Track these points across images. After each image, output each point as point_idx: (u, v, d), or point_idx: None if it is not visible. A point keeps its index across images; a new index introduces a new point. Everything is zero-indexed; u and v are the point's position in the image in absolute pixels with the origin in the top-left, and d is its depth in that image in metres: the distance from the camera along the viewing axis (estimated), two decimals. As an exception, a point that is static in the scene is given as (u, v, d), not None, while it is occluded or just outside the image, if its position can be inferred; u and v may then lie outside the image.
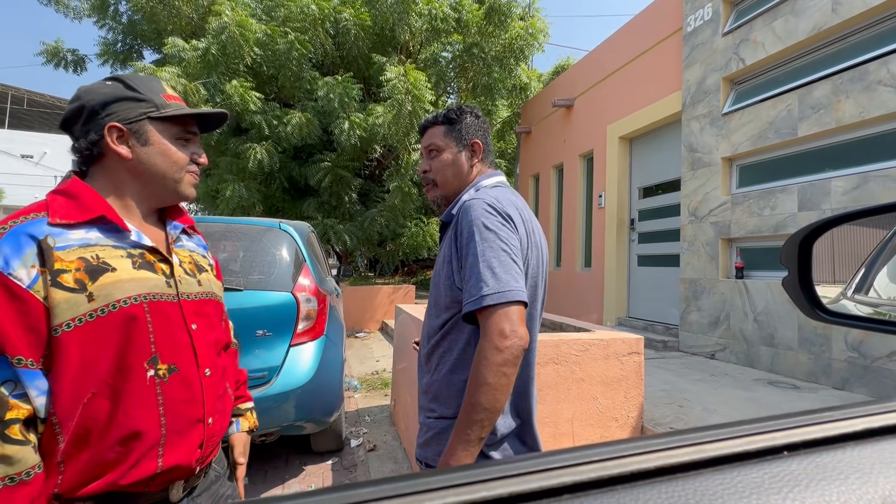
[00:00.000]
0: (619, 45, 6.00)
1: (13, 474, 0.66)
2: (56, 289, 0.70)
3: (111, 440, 0.72)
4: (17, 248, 0.69)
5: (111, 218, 0.76)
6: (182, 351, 0.80)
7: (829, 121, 3.36)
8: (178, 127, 0.83)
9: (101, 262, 0.74)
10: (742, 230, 3.99)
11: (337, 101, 6.39)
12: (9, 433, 0.66)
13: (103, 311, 0.72)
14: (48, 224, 0.72)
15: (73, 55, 8.64)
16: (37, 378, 0.69)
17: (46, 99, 26.53)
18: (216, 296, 0.92)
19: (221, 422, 0.88)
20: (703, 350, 4.28)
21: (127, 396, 0.74)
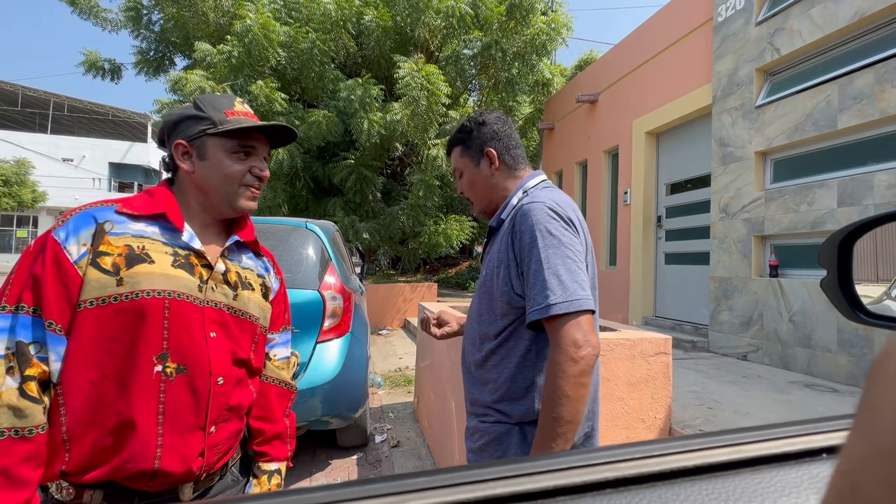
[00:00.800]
0: (645, 38, 5.85)
1: (19, 427, 0.70)
2: (93, 268, 0.76)
3: (109, 425, 0.75)
4: (79, 225, 0.78)
5: (170, 217, 0.83)
6: (195, 354, 0.81)
7: (871, 111, 3.20)
8: (234, 142, 0.86)
9: (143, 252, 0.79)
10: (777, 227, 3.84)
11: (357, 102, 6.48)
12: (26, 388, 0.71)
13: (127, 296, 0.76)
14: (115, 212, 0.81)
15: (111, 64, 9.05)
16: (59, 344, 0.75)
17: (85, 105, 27.86)
18: (250, 316, 0.91)
19: (228, 432, 0.87)
20: (734, 351, 4.15)
21: (131, 386, 0.76)
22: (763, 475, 0.19)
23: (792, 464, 0.20)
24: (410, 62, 6.44)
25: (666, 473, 0.19)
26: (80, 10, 8.26)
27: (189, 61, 8.67)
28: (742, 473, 0.19)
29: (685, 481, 0.18)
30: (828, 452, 0.21)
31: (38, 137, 27.18)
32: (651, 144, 5.75)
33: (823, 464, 0.20)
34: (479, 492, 0.18)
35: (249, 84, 6.73)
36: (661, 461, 0.19)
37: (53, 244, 0.76)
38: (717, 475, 0.19)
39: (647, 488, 0.18)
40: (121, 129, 31.38)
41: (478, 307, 1.01)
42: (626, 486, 0.18)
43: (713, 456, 0.20)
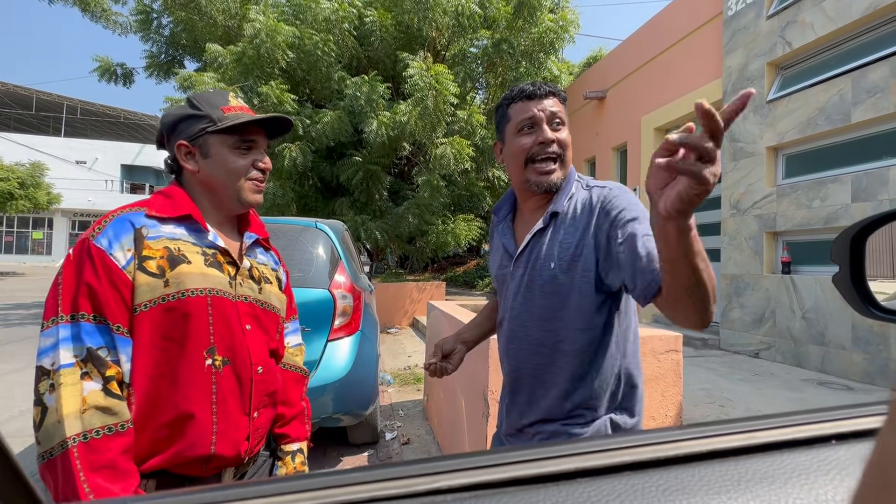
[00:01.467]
0: (654, 33, 5.80)
1: (111, 424, 0.74)
2: (141, 272, 0.79)
3: (168, 417, 0.79)
4: (119, 232, 0.80)
5: (196, 218, 0.86)
6: (237, 346, 0.85)
7: (886, 105, 3.14)
8: (235, 137, 0.88)
9: (181, 253, 0.83)
10: (789, 223, 3.80)
11: (364, 99, 6.50)
12: (111, 387, 0.76)
13: (174, 296, 0.80)
14: (146, 216, 0.83)
15: (122, 69, 9.19)
16: (128, 345, 0.78)
17: (97, 108, 28.31)
18: (274, 307, 0.96)
19: (267, 416, 0.93)
20: (745, 349, 4.11)
21: (186, 379, 0.80)
22: (774, 459, 0.20)
23: (802, 449, 0.21)
24: (419, 62, 6.45)
25: (681, 458, 0.20)
26: (91, 14, 8.39)
27: (199, 64, 8.77)
28: (754, 458, 0.20)
29: (700, 464, 0.19)
30: (837, 439, 0.22)
31: (52, 140, 27.67)
32: (660, 141, 5.70)
33: (832, 449, 0.21)
34: (503, 473, 0.19)
35: (260, 85, 6.80)
36: (676, 446, 0.20)
37: (99, 252, 0.78)
38: (730, 459, 0.20)
39: (664, 470, 0.19)
40: (132, 131, 31.84)
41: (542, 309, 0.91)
42: (643, 469, 0.19)
43: (726, 442, 0.21)
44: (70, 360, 0.74)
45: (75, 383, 0.73)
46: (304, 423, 1.06)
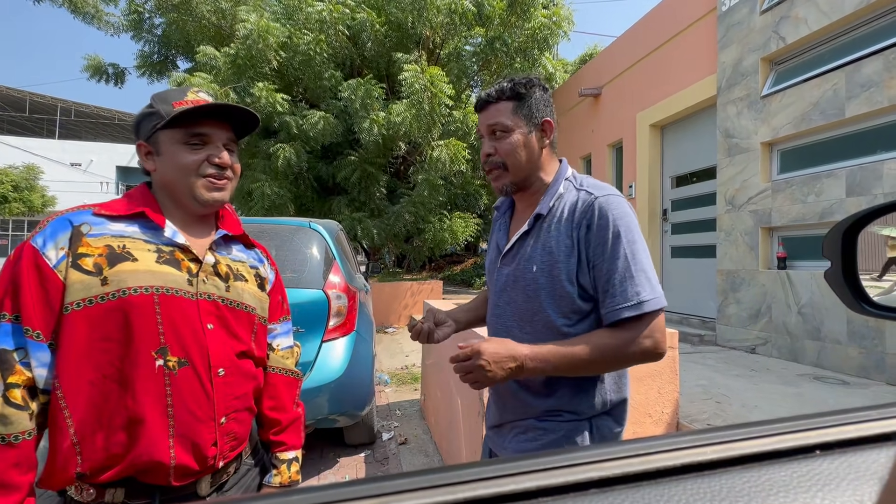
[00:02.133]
0: (648, 30, 5.79)
1: (3, 434, 0.70)
2: (74, 270, 0.76)
3: (119, 422, 0.76)
4: (55, 231, 0.78)
5: (150, 215, 0.83)
6: (194, 347, 0.81)
7: (880, 99, 3.14)
8: (183, 131, 0.83)
9: (124, 251, 0.79)
10: (784, 218, 3.80)
11: (359, 102, 6.48)
12: (9, 395, 0.71)
13: (113, 295, 0.76)
14: (92, 214, 0.80)
15: (114, 69, 9.12)
16: (40, 350, 0.75)
17: (91, 109, 28.15)
18: (245, 306, 0.91)
19: (239, 423, 0.88)
20: (742, 344, 4.12)
21: (134, 382, 0.77)
22: (751, 473, 0.18)
23: (783, 461, 0.19)
24: (413, 64, 6.43)
25: (651, 473, 0.18)
26: (82, 16, 8.32)
27: (191, 64, 8.71)
28: (730, 472, 0.19)
29: (670, 481, 0.18)
30: (821, 449, 0.20)
31: (46, 143, 27.49)
32: (655, 137, 5.70)
33: (816, 461, 0.19)
34: (460, 493, 0.17)
35: (251, 86, 6.76)
36: (646, 460, 0.19)
37: (31, 251, 0.76)
38: (703, 474, 0.18)
39: (632, 488, 0.17)
40: (127, 132, 31.66)
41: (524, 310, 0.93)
42: (610, 486, 0.18)
43: (701, 454, 0.19)
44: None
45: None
46: (300, 430, 1.02)
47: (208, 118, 0.85)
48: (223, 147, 0.87)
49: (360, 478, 0.49)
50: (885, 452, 0.19)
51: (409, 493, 0.17)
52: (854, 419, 0.22)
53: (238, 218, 0.98)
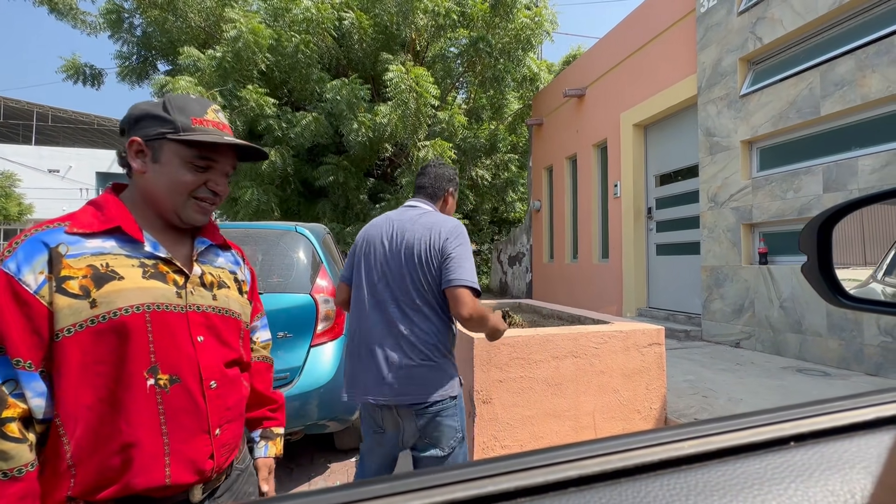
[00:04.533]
0: (630, 31, 5.87)
1: (6, 469, 0.69)
2: (60, 294, 0.72)
3: (114, 446, 0.74)
4: (29, 254, 0.73)
5: (126, 229, 0.79)
6: (184, 362, 0.80)
7: (853, 97, 3.23)
8: (194, 152, 0.82)
9: (109, 270, 0.76)
10: (764, 215, 3.88)
11: (344, 103, 6.45)
12: (6, 430, 0.69)
13: (104, 317, 0.74)
14: (65, 233, 0.76)
15: (91, 70, 8.91)
16: (34, 380, 0.72)
17: (69, 114, 27.47)
18: (232, 312, 0.90)
19: (233, 431, 0.88)
20: (727, 339, 4.19)
21: (127, 404, 0.75)
22: (727, 467, 0.18)
23: (759, 453, 0.20)
24: (398, 65, 6.42)
25: (629, 469, 0.18)
26: (57, 12, 8.10)
27: (172, 66, 8.56)
28: (707, 466, 0.19)
29: (648, 477, 0.18)
30: (796, 440, 0.21)
31: (22, 149, 26.75)
32: (639, 136, 5.78)
33: (789, 453, 0.19)
34: (437, 497, 0.17)
35: (239, 89, 6.67)
36: (624, 457, 0.19)
37: (5, 278, 0.71)
38: (681, 469, 0.18)
39: (610, 485, 0.17)
40: (107, 137, 30.98)
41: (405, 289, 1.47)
42: (588, 485, 0.18)
43: (679, 449, 0.19)
44: None
45: None
46: (283, 411, 1.10)
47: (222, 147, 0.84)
48: (224, 176, 0.86)
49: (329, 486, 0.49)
50: (857, 442, 0.20)
51: (385, 498, 0.17)
52: (827, 409, 0.23)
53: (216, 224, 0.97)
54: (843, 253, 0.75)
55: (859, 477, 0.17)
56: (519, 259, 9.58)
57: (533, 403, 2.10)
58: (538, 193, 8.53)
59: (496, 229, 13.13)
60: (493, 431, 2.04)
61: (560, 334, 2.16)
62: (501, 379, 2.06)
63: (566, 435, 2.15)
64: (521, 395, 2.08)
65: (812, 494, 0.16)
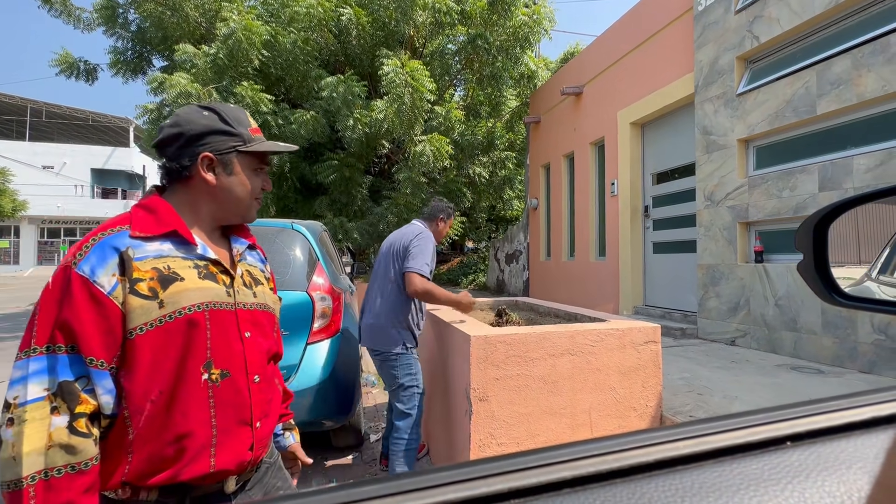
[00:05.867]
0: (627, 29, 5.87)
1: (74, 463, 0.72)
2: (133, 296, 0.78)
3: (169, 437, 0.79)
4: (102, 258, 0.78)
5: (182, 233, 0.85)
6: (234, 357, 0.86)
7: (849, 96, 3.24)
8: (257, 159, 0.93)
9: (171, 272, 0.82)
10: (760, 213, 3.89)
11: (340, 99, 6.42)
12: (76, 425, 0.73)
13: (171, 316, 0.80)
14: (129, 237, 0.81)
15: (85, 65, 8.82)
16: (104, 378, 0.76)
17: (63, 110, 27.24)
18: (269, 307, 0.98)
19: (268, 425, 0.94)
20: (722, 337, 4.21)
21: (183, 397, 0.80)
22: (724, 467, 0.18)
23: (755, 454, 0.19)
24: (395, 59, 6.39)
25: (624, 470, 0.18)
26: (50, 6, 8.01)
27: (167, 62, 8.49)
28: (703, 466, 0.18)
29: (643, 477, 0.18)
30: (792, 440, 0.20)
31: (16, 145, 26.52)
32: (636, 135, 5.78)
33: (786, 453, 0.19)
34: (430, 498, 0.17)
35: (234, 86, 6.63)
36: (619, 457, 0.18)
37: (81, 280, 0.75)
38: (676, 469, 0.18)
39: (604, 486, 0.17)
40: (101, 133, 30.75)
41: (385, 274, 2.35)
42: (583, 486, 0.17)
43: (675, 449, 0.19)
44: (40, 393, 0.72)
45: (43, 418, 0.71)
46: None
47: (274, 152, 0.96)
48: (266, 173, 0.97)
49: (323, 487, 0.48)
50: (854, 442, 0.19)
51: (380, 499, 0.16)
52: (824, 409, 0.22)
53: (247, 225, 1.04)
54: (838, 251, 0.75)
55: (856, 477, 0.17)
56: (516, 257, 9.58)
57: (530, 401, 2.10)
58: (535, 191, 8.53)
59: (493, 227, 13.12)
60: (490, 429, 2.05)
61: (557, 332, 2.16)
62: (498, 377, 2.06)
63: (563, 432, 2.15)
64: (517, 392, 2.08)
65: (809, 495, 0.16)
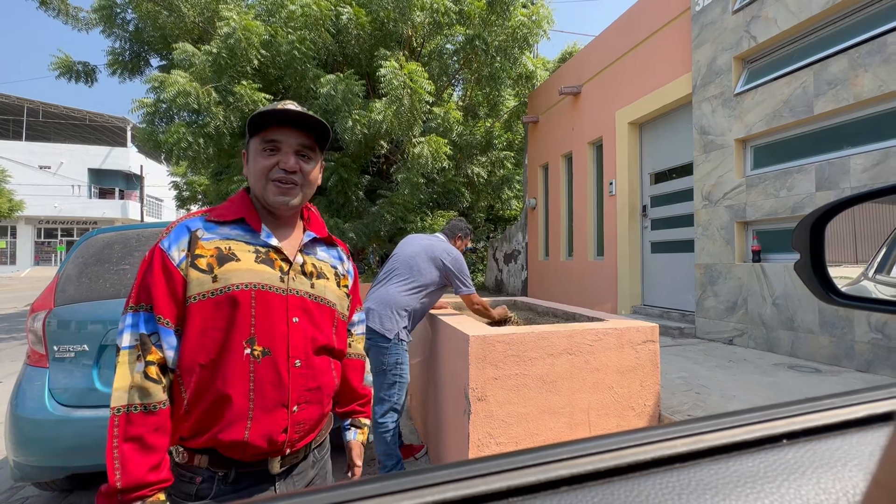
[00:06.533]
0: (625, 29, 5.88)
1: (146, 403, 0.85)
2: (193, 269, 0.90)
3: (212, 399, 0.88)
4: (177, 235, 0.92)
5: (249, 220, 0.96)
6: (277, 338, 0.92)
7: (846, 96, 3.26)
8: (260, 138, 0.96)
9: (230, 252, 0.92)
10: (758, 213, 3.91)
11: (340, 97, 6.41)
12: (148, 371, 0.86)
13: (221, 291, 0.89)
14: (205, 220, 0.95)
15: (84, 66, 8.79)
16: (169, 335, 0.89)
17: (60, 110, 27.13)
18: (327, 301, 1.03)
19: (309, 413, 0.96)
20: (720, 336, 4.22)
21: (227, 367, 0.89)
22: (720, 465, 0.18)
23: (752, 452, 0.20)
24: (392, 61, 6.38)
25: (622, 468, 0.18)
26: (47, 7, 7.98)
27: (165, 62, 8.46)
28: (700, 464, 0.19)
29: (641, 475, 0.18)
30: (788, 438, 0.21)
31: (13, 145, 26.41)
32: (634, 134, 5.79)
33: (782, 451, 0.19)
34: (428, 497, 0.17)
35: (233, 85, 6.61)
36: (617, 455, 0.18)
37: (160, 252, 0.91)
38: (674, 467, 0.18)
39: (602, 484, 0.17)
40: (99, 133, 30.64)
41: None
42: (580, 483, 0.18)
43: (672, 447, 0.19)
44: (131, 342, 0.87)
45: (130, 363, 0.86)
46: (370, 405, 1.24)
47: (281, 125, 0.95)
48: (293, 153, 0.97)
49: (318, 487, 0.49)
50: (849, 439, 0.20)
51: (376, 498, 0.16)
52: (820, 407, 0.23)
53: (322, 220, 1.11)
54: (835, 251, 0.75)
55: (852, 475, 0.17)
56: (514, 257, 9.59)
57: (528, 400, 2.10)
58: (534, 191, 8.54)
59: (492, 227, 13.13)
60: (489, 429, 2.05)
61: (555, 332, 2.16)
62: (496, 376, 2.06)
63: (561, 432, 2.15)
64: (516, 392, 2.08)
65: (805, 493, 0.16)
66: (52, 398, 2.14)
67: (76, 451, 2.10)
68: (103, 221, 27.73)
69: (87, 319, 2.24)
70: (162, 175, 26.40)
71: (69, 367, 2.19)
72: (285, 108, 0.94)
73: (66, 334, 2.22)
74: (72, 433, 2.09)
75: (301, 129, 0.97)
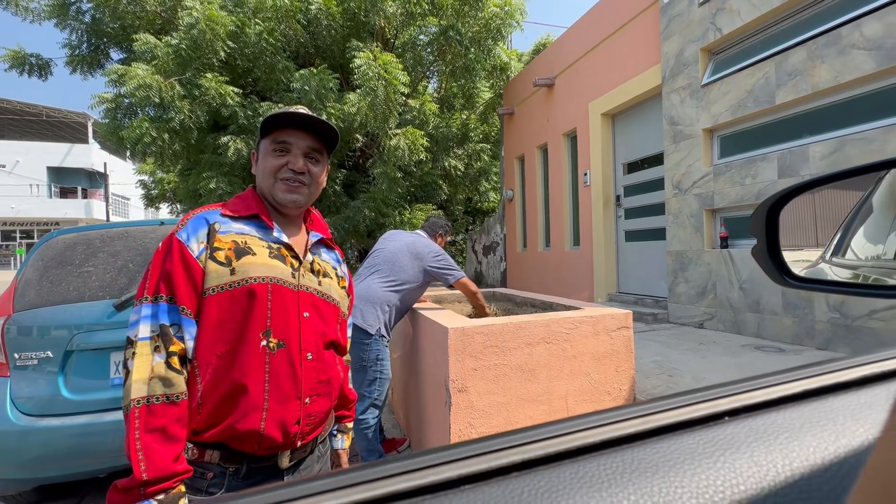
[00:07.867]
0: (596, 21, 5.94)
1: (169, 394, 0.85)
2: (211, 261, 0.92)
3: (226, 390, 0.89)
4: (195, 227, 0.94)
5: (262, 216, 0.99)
6: (291, 332, 0.94)
7: (805, 87, 3.39)
8: (270, 139, 0.99)
9: (246, 246, 0.95)
10: (725, 200, 4.04)
11: (314, 92, 6.28)
12: (171, 362, 0.87)
13: (239, 283, 0.91)
14: (220, 214, 0.97)
15: (38, 60, 8.32)
16: (191, 325, 0.90)
17: (15, 106, 25.63)
18: (332, 299, 1.06)
19: (319, 406, 0.99)
20: (691, 320, 4.37)
21: (243, 358, 0.90)
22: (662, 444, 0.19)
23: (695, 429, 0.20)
24: (367, 52, 6.28)
25: (571, 451, 0.19)
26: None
27: (126, 54, 8.09)
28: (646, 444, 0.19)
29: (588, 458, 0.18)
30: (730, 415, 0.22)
31: (-39, 143, 24.85)
32: (607, 125, 5.89)
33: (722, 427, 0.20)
34: (380, 489, 0.17)
35: (198, 78, 6.38)
36: (567, 439, 0.19)
37: (178, 244, 0.91)
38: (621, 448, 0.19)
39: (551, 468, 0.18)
40: (58, 130, 29.13)
41: None
42: (530, 468, 0.18)
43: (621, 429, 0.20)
44: (148, 333, 0.87)
45: (148, 354, 0.86)
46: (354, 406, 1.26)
47: (292, 128, 0.99)
48: (302, 155, 1.00)
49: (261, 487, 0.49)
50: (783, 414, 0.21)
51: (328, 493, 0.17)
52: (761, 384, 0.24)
53: (325, 222, 1.13)
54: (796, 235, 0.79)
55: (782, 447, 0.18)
56: (493, 248, 9.66)
57: (507, 390, 2.13)
58: (510, 183, 8.59)
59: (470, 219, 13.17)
60: (469, 419, 2.07)
61: (533, 321, 2.19)
62: (476, 367, 2.08)
63: (540, 419, 2.20)
64: (495, 382, 2.11)
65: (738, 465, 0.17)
66: (14, 408, 2.05)
67: (43, 461, 2.02)
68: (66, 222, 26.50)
69: (49, 325, 2.15)
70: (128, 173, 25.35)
71: (32, 374, 2.10)
72: (297, 112, 0.97)
73: (27, 341, 2.12)
74: (37, 443, 2.01)
75: (310, 133, 1.00)
